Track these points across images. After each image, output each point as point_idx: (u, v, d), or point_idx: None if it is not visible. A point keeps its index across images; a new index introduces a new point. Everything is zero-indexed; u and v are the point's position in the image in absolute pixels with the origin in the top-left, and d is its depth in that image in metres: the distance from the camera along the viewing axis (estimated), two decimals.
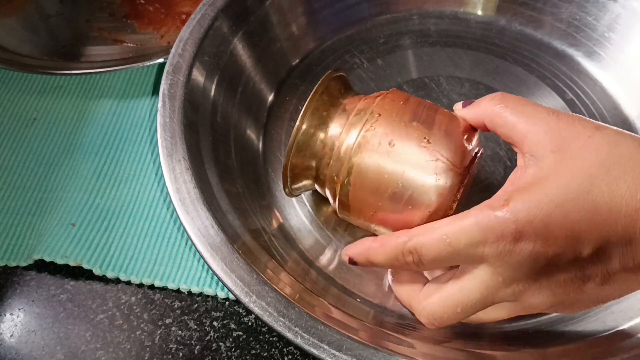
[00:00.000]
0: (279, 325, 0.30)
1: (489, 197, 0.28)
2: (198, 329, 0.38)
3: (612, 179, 0.25)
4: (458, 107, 0.33)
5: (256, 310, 0.31)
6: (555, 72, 0.48)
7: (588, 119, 0.28)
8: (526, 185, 0.27)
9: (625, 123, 0.46)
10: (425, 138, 0.31)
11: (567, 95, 0.47)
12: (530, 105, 0.29)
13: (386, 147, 0.32)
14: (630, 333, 0.33)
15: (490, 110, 0.30)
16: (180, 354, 0.37)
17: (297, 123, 0.34)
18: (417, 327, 0.36)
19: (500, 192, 0.28)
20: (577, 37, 0.49)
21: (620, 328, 0.34)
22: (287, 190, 0.37)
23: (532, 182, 0.27)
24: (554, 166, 0.26)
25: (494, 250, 0.26)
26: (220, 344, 0.38)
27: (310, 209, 0.41)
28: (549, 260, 0.26)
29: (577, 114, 0.29)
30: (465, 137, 0.32)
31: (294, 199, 0.41)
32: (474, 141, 0.33)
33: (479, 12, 0.52)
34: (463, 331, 0.36)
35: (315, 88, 0.34)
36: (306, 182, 0.36)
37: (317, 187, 0.36)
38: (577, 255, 0.26)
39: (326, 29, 0.50)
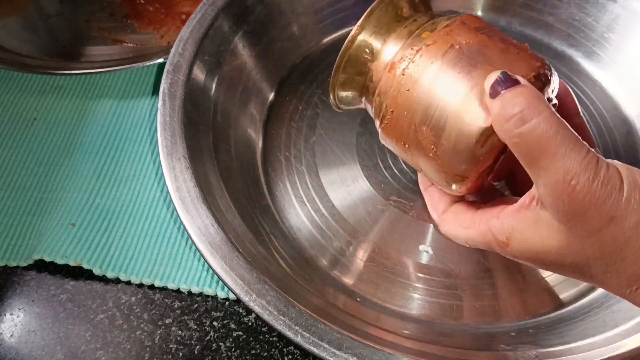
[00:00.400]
0: (279, 324, 0.30)
1: None
2: (198, 329, 0.38)
3: (606, 273, 0.26)
4: (487, 90, 0.27)
5: (256, 308, 0.31)
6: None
7: (609, 187, 0.24)
8: (529, 228, 0.28)
9: (625, 123, 0.46)
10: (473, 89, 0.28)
11: None
12: (549, 156, 0.25)
13: (440, 77, 0.29)
14: (631, 332, 0.33)
15: (507, 133, 0.26)
16: (180, 354, 0.37)
17: (357, 25, 0.32)
18: (414, 326, 0.36)
19: (506, 219, 0.29)
20: (576, 38, 0.49)
21: (621, 327, 0.34)
22: (332, 95, 0.35)
23: (534, 229, 0.27)
24: (557, 234, 0.26)
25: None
26: (220, 344, 0.38)
27: (311, 209, 0.41)
28: None
29: (595, 179, 0.24)
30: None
31: (294, 198, 0.41)
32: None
33: (479, 13, 0.52)
34: (463, 330, 0.36)
35: None
36: (354, 94, 0.34)
37: (363, 100, 0.34)
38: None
39: (326, 29, 0.50)
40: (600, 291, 0.38)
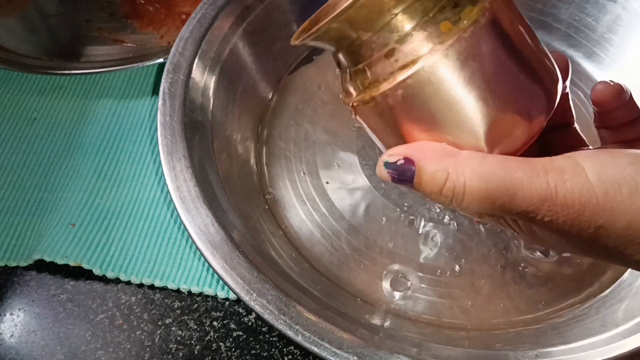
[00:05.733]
0: (280, 324, 0.30)
1: None
2: (198, 329, 0.38)
3: None
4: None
5: (257, 308, 0.31)
6: None
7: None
8: None
9: None
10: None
11: None
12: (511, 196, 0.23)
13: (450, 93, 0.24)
14: (631, 332, 0.33)
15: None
16: (180, 354, 0.37)
17: None
18: (414, 326, 0.36)
19: None
20: (577, 38, 0.49)
21: (621, 327, 0.34)
22: (301, 38, 0.28)
23: None
24: None
25: None
26: (220, 344, 0.38)
27: (311, 209, 0.41)
28: None
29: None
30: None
31: (294, 198, 0.41)
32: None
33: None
34: (463, 330, 0.36)
35: None
36: (329, 47, 0.28)
37: (340, 57, 0.28)
38: None
39: None
40: (600, 291, 0.38)
